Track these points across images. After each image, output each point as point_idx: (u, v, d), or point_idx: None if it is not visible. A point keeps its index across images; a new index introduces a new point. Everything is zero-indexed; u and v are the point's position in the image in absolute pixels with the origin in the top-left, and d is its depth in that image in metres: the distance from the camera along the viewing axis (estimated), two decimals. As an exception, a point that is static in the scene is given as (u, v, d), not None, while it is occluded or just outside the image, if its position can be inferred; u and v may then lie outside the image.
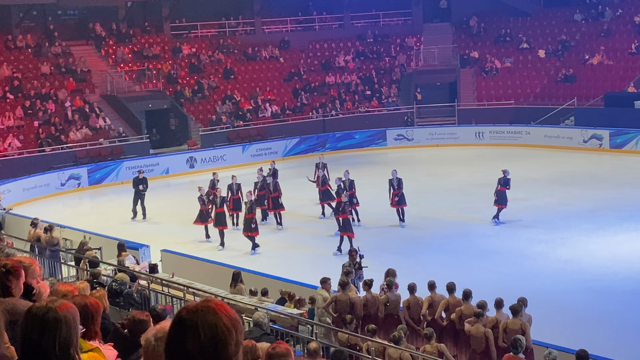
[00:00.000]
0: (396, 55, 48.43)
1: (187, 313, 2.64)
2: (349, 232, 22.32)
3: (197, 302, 2.70)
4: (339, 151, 40.39)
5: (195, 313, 2.62)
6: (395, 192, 24.67)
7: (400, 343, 11.90)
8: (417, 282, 14.77)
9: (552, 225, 24.32)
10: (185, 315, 2.63)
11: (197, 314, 2.61)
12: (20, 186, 31.91)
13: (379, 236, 24.04)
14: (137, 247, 20.60)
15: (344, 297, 14.54)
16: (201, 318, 2.60)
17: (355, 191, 25.39)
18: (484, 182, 31.07)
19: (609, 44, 43.93)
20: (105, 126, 38.80)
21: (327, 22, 50.87)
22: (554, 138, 38.65)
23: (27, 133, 36.77)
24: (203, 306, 2.64)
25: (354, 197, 25.16)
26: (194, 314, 2.61)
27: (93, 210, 31.23)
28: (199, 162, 37.55)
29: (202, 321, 2.59)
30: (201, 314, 2.61)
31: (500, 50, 47.08)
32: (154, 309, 9.25)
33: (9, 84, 38.82)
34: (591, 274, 19.73)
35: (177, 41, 45.91)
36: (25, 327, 3.12)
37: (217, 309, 2.64)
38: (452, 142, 40.89)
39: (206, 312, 2.61)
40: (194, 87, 43.02)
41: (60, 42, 42.54)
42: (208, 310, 2.62)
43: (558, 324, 15.81)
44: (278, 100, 44.03)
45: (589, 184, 30.26)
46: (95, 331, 4.25)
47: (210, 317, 2.61)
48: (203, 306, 2.64)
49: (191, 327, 2.59)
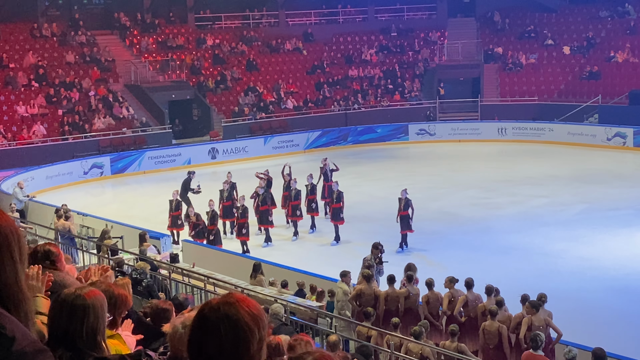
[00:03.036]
0: (420, 50, 48.28)
1: (209, 310, 2.58)
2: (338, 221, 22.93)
3: (220, 297, 2.64)
4: (361, 145, 40.38)
5: (217, 310, 2.56)
6: (400, 214, 22.29)
7: (421, 338, 11.91)
8: (437, 277, 14.77)
9: (573, 223, 24.20)
10: (207, 312, 2.58)
11: (219, 311, 2.55)
12: (43, 174, 32.17)
13: (398, 230, 23.98)
14: (158, 237, 20.72)
15: (369, 290, 14.52)
16: (222, 315, 2.54)
17: (315, 197, 24.71)
18: (506, 179, 31.02)
19: (635, 41, 43.56)
20: (129, 116, 38.99)
21: (351, 15, 50.80)
22: (578, 135, 38.42)
23: (51, 121, 37.04)
24: (225, 302, 2.58)
25: (313, 203, 24.58)
26: (216, 311, 2.56)
27: (115, 199, 31.42)
28: (221, 153, 37.66)
29: (223, 319, 2.54)
30: (222, 311, 2.55)
31: (524, 46, 46.81)
32: (176, 297, 9.32)
33: (34, 72, 39.10)
34: (612, 272, 19.64)
35: (201, 32, 46.03)
36: (54, 313, 3.16)
37: (239, 305, 2.57)
38: (474, 137, 40.75)
39: (228, 309, 2.55)
40: (217, 78, 43.12)
41: (85, 31, 42.78)
42: (230, 307, 2.55)
43: (578, 322, 15.74)
44: (300, 92, 44.05)
45: (611, 182, 30.07)
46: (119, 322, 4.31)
47: (232, 314, 2.54)
48: (225, 302, 2.58)
49: (212, 325, 2.54)
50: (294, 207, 24.11)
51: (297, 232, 23.82)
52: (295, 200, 24.13)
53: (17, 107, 36.89)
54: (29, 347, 2.50)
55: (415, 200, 22.52)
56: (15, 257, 2.62)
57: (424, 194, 28.36)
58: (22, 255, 2.67)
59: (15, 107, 36.87)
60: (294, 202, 24.12)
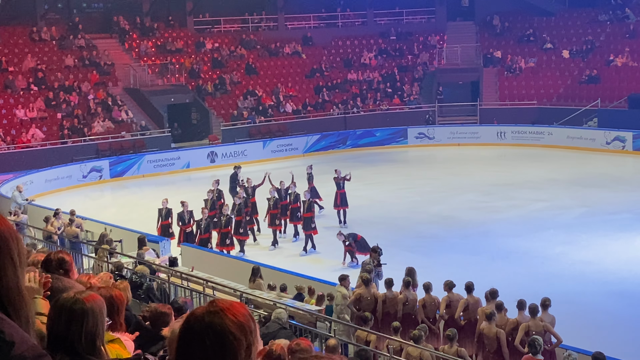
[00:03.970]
0: (419, 54, 48.30)
1: (194, 320, 2.55)
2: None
3: (204, 306, 2.60)
4: (360, 148, 40.40)
5: (202, 320, 2.53)
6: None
7: (420, 342, 11.89)
8: (435, 281, 14.74)
9: (572, 226, 24.19)
10: (192, 322, 2.55)
11: (203, 321, 2.52)
12: (42, 177, 32.15)
13: (397, 234, 24.01)
14: (157, 241, 20.70)
15: (368, 294, 14.51)
16: (207, 325, 2.51)
17: (298, 205, 23.73)
18: (505, 182, 31.02)
19: (634, 45, 43.60)
20: (128, 119, 38.99)
21: (350, 19, 50.83)
22: (577, 139, 38.44)
23: (50, 125, 37.03)
24: (209, 311, 2.54)
25: (297, 212, 23.72)
26: (200, 321, 2.53)
27: (114, 203, 31.41)
28: (220, 157, 37.66)
29: (208, 329, 2.51)
30: (207, 321, 2.52)
31: (523, 49, 46.85)
32: (175, 301, 9.30)
33: (33, 75, 39.10)
34: (612, 276, 19.62)
35: (200, 36, 46.05)
36: (53, 318, 3.15)
37: (224, 313, 2.53)
38: (473, 141, 40.76)
39: (212, 319, 2.52)
40: (216, 81, 43.13)
41: (84, 34, 42.79)
42: (214, 317, 2.52)
43: (578, 326, 15.73)
44: (300, 96, 44.06)
45: (611, 186, 30.08)
46: (120, 323, 4.30)
47: (216, 323, 2.51)
48: (209, 311, 2.54)
49: (198, 334, 2.51)
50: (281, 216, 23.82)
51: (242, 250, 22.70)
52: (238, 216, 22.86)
53: (16, 110, 36.88)
54: (28, 352, 2.50)
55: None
56: (16, 261, 2.62)
57: (423, 198, 28.40)
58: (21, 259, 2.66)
59: (14, 111, 36.86)
60: (238, 217, 22.83)
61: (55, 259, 4.78)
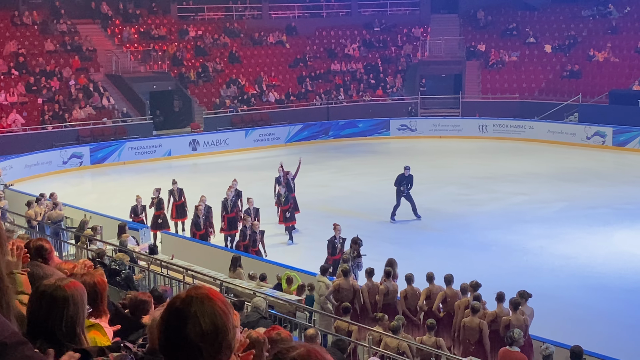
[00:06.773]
0: (402, 45, 48.32)
1: (181, 303, 2.59)
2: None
3: (188, 290, 2.65)
4: (342, 139, 40.42)
5: (190, 302, 2.58)
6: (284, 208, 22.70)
7: (399, 333, 11.94)
8: (416, 272, 14.79)
9: (552, 220, 24.31)
10: (180, 305, 2.59)
11: (193, 303, 2.58)
12: (22, 163, 31.94)
13: (378, 225, 24.04)
14: (137, 228, 20.63)
15: (347, 285, 14.55)
16: (198, 307, 2.57)
17: (289, 207, 22.98)
18: (486, 175, 31.15)
19: (616, 41, 43.83)
20: (109, 106, 38.77)
21: (334, 10, 50.79)
22: (558, 134, 38.65)
23: (30, 110, 36.76)
24: (196, 294, 2.60)
25: (287, 212, 23.07)
26: (190, 304, 2.58)
27: (94, 190, 31.27)
28: (202, 145, 37.56)
29: (200, 310, 2.56)
30: (197, 303, 2.57)
31: (506, 43, 46.98)
32: (155, 290, 9.28)
33: (14, 60, 38.78)
34: (590, 270, 19.76)
35: (184, 23, 45.83)
36: (33, 304, 3.13)
37: (211, 295, 2.60)
38: (455, 134, 40.88)
39: (201, 300, 2.58)
40: (199, 69, 42.96)
41: (66, 20, 42.47)
42: (203, 298, 2.58)
43: (556, 319, 15.84)
44: (283, 85, 43.98)
45: (590, 180, 30.26)
46: (103, 310, 4.28)
47: (206, 304, 2.57)
48: (196, 294, 2.60)
49: (191, 317, 2.56)
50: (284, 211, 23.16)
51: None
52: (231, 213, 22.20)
53: (-3, 95, 36.60)
54: (9, 339, 2.48)
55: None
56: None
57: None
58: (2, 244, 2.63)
59: (-6, 95, 36.57)
60: (230, 214, 22.16)
61: (34, 247, 4.74)
